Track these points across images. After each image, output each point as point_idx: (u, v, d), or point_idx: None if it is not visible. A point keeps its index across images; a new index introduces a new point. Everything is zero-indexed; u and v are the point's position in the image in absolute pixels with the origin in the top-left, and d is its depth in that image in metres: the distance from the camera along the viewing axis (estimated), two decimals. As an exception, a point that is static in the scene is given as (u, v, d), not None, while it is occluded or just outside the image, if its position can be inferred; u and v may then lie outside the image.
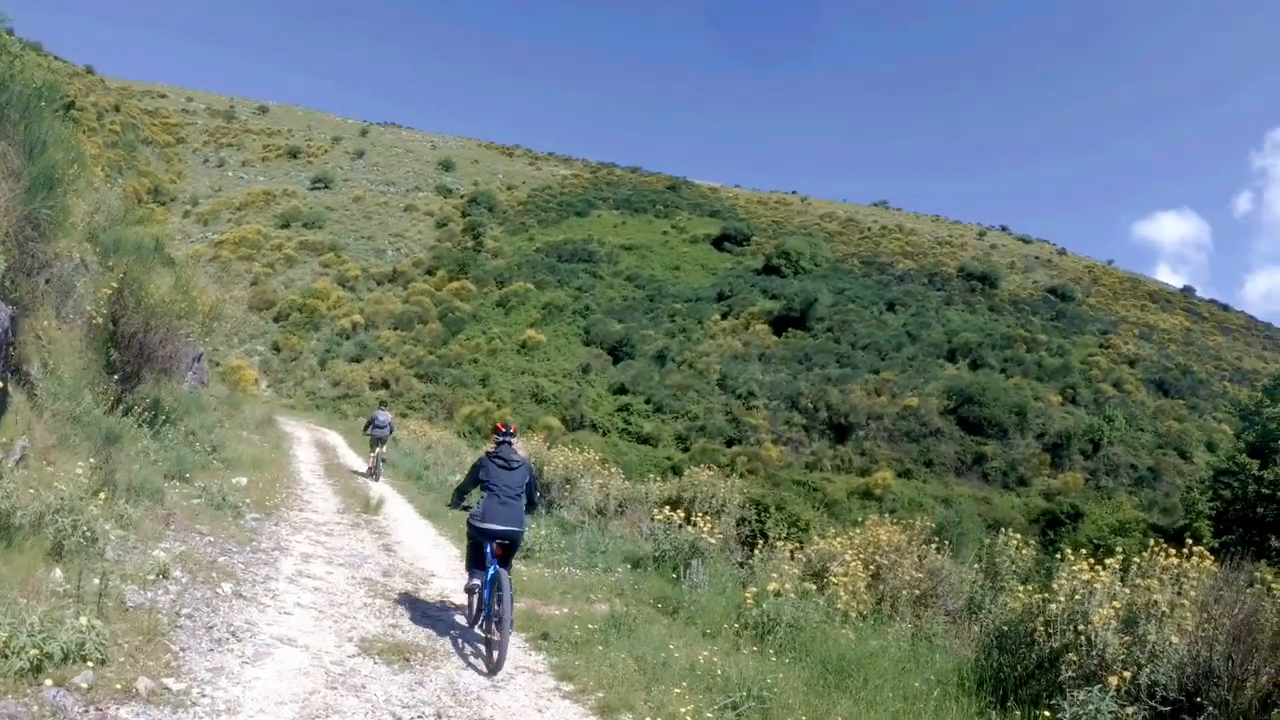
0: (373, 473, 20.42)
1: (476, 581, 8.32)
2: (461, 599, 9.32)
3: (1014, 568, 10.75)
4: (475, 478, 8.44)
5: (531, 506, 8.64)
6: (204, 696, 5.61)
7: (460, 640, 8.22)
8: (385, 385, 59.78)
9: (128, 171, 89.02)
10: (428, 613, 9.03)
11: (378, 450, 20.53)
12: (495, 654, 7.38)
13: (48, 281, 10.41)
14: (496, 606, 7.57)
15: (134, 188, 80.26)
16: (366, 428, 21.27)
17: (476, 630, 8.29)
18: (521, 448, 8.90)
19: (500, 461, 8.30)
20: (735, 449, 55.00)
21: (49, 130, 9.86)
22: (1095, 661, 6.65)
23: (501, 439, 8.53)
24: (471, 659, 7.74)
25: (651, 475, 19.77)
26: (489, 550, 8.04)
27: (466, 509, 8.61)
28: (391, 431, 21.34)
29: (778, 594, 9.10)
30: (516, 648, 8.12)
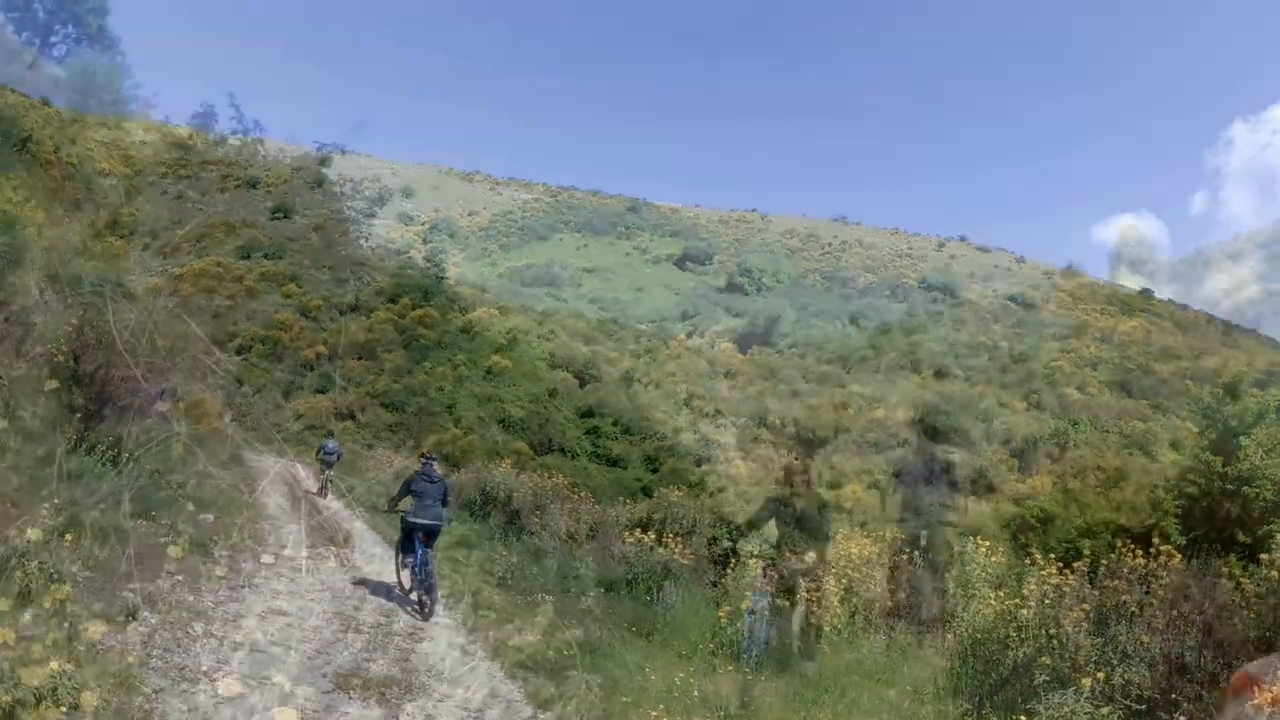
0: (322, 490, 23.36)
1: (410, 559, 11.33)
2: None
3: (985, 574, 10.80)
4: (407, 489, 11.71)
5: (447, 505, 11.97)
6: (178, 738, 5.56)
7: (406, 608, 10.82)
8: (351, 416, 59.14)
9: (86, 204, 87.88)
10: (401, 644, 8.98)
11: (327, 473, 23.72)
12: (425, 610, 10.70)
13: (7, 320, 10.29)
14: (425, 578, 10.87)
15: (92, 221, 79.27)
16: (317, 453, 24.97)
17: (412, 596, 11.22)
18: (439, 468, 12.37)
19: (424, 477, 11.70)
20: (704, 468, 54.95)
21: (6, 166, 9.76)
22: (1068, 664, 6.71)
23: (426, 462, 12.03)
24: (410, 612, 10.62)
25: (621, 498, 19.73)
26: (417, 538, 11.21)
27: (399, 512, 11.67)
28: (339, 457, 24.88)
29: (751, 612, 9.12)
30: (492, 676, 8.25)
